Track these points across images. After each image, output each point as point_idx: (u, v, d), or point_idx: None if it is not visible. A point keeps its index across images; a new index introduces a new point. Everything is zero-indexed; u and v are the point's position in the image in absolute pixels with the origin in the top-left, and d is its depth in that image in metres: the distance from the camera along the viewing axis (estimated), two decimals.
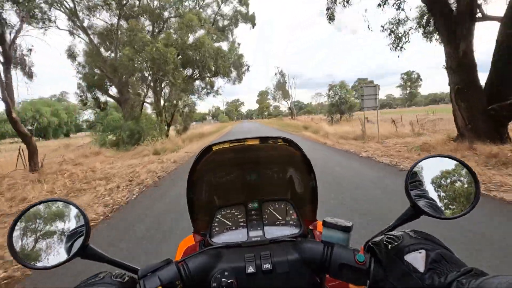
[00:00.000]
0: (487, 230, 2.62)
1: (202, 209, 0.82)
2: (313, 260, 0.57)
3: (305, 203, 0.82)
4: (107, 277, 0.51)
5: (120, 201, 4.74)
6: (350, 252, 0.55)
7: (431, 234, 0.51)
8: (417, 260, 0.45)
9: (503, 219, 2.89)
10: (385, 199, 3.78)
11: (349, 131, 12.69)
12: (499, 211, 3.09)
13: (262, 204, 0.78)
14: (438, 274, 0.42)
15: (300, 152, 0.76)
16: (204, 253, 0.60)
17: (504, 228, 2.66)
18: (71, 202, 0.55)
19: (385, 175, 5.17)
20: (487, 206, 3.22)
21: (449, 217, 0.53)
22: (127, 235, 3.26)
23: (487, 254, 2.24)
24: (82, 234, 0.52)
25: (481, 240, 2.44)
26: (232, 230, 0.73)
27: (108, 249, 2.86)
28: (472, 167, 0.55)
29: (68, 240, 0.53)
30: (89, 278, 0.50)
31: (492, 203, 3.33)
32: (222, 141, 0.76)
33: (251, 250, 0.61)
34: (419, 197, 0.54)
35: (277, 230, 0.72)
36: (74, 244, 0.52)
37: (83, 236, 0.52)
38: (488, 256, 2.20)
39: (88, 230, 0.52)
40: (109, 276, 0.51)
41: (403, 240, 0.49)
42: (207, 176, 0.82)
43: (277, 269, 0.56)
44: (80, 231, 0.53)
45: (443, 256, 0.45)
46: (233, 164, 0.83)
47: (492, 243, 2.39)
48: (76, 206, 0.55)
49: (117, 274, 0.53)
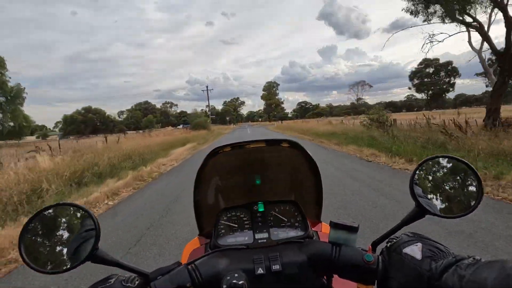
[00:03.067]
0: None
1: (208, 211, 0.83)
2: (322, 260, 0.57)
3: (310, 205, 0.83)
4: (117, 281, 0.51)
5: None
6: (359, 252, 0.55)
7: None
8: (414, 251, 0.48)
9: None
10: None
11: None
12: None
13: (267, 206, 0.79)
14: (435, 260, 0.45)
15: (305, 154, 0.76)
16: (213, 256, 0.60)
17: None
18: (81, 206, 0.55)
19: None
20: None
21: (453, 216, 0.53)
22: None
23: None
24: (93, 237, 0.52)
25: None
26: (238, 232, 0.74)
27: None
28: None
29: (79, 244, 0.52)
30: (98, 282, 0.51)
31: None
32: (228, 144, 0.77)
33: (259, 252, 0.61)
34: (424, 197, 0.55)
35: (282, 232, 0.73)
36: (85, 248, 0.52)
37: (93, 240, 0.52)
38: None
39: (98, 234, 0.52)
40: (119, 281, 0.52)
41: (401, 239, 0.52)
42: (213, 178, 0.83)
43: (286, 270, 0.56)
44: (90, 235, 0.53)
45: (438, 248, 0.48)
46: (239, 167, 0.84)
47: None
48: (86, 210, 0.55)
49: (127, 278, 0.53)
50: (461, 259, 0.42)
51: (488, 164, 5.17)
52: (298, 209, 0.77)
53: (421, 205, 0.53)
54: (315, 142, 14.08)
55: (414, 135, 8.69)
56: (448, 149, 6.78)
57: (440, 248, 0.47)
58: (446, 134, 7.46)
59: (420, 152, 6.86)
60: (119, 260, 0.53)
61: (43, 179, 5.26)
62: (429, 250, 0.47)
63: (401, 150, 7.51)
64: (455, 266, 0.40)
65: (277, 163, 0.84)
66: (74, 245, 0.52)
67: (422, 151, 7.02)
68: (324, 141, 13.45)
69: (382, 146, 8.61)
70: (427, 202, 0.54)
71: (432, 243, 0.49)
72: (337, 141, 12.10)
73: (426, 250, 0.47)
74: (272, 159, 0.84)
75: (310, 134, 18.59)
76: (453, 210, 0.54)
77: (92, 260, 0.51)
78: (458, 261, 0.41)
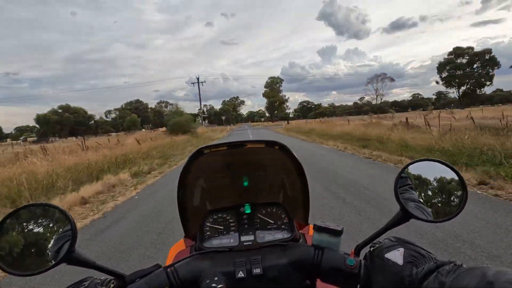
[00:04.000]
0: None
1: (194, 213, 0.82)
2: (304, 264, 0.56)
3: (297, 207, 0.82)
4: (92, 284, 0.50)
5: None
6: (341, 256, 0.55)
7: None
8: (396, 256, 0.48)
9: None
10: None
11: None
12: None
13: (254, 208, 0.78)
14: (416, 265, 0.45)
15: (291, 156, 0.76)
16: (194, 258, 0.59)
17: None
18: (56, 206, 0.54)
19: None
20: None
21: (437, 220, 0.53)
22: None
23: None
24: (69, 239, 0.51)
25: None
26: (223, 235, 0.73)
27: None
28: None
29: (54, 245, 0.51)
30: (73, 284, 0.50)
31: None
32: (214, 144, 0.76)
33: (241, 254, 0.61)
34: (409, 201, 0.54)
35: (269, 234, 0.72)
36: (61, 249, 0.50)
37: (69, 241, 0.50)
38: None
39: (74, 235, 0.51)
40: (94, 283, 0.51)
41: (384, 243, 0.52)
42: (198, 179, 0.82)
43: (267, 274, 0.56)
44: (67, 236, 0.51)
45: (420, 253, 0.48)
46: (225, 168, 0.83)
47: None
48: (61, 210, 0.53)
49: (103, 280, 0.52)
50: (442, 264, 0.41)
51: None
52: (285, 211, 0.76)
53: (406, 209, 0.52)
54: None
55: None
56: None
57: (422, 253, 0.47)
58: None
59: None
60: (96, 262, 0.52)
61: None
62: (411, 255, 0.47)
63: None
64: (436, 273, 0.40)
65: (264, 164, 0.84)
66: (50, 246, 0.51)
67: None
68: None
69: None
70: (411, 206, 0.54)
71: (414, 247, 0.49)
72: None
73: (408, 255, 0.47)
74: (259, 160, 0.83)
75: (351, 140, 11.70)
76: (438, 215, 0.54)
77: (68, 261, 0.50)
78: (439, 266, 0.41)
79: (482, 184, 4.41)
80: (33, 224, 0.52)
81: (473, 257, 2.34)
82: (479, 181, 4.49)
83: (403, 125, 12.26)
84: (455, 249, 2.49)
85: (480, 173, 4.83)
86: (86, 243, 3.29)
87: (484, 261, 2.27)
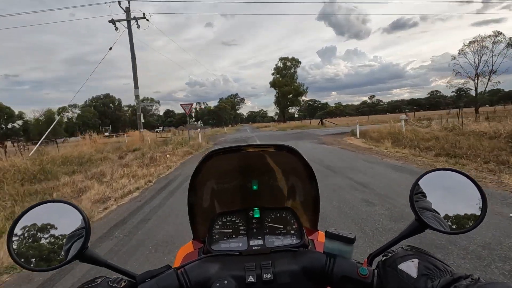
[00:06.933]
0: None
1: (203, 215, 0.82)
2: (315, 271, 0.55)
3: (307, 212, 0.81)
4: (104, 282, 0.51)
5: None
6: (353, 264, 0.53)
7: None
8: (410, 267, 0.46)
9: None
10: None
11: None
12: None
13: (263, 212, 0.77)
14: (431, 279, 0.43)
15: (302, 160, 0.75)
16: (204, 261, 0.59)
17: None
18: (72, 204, 0.55)
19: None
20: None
21: (454, 232, 0.51)
22: None
23: None
24: (82, 236, 0.52)
25: None
26: (232, 238, 0.72)
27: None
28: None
29: (68, 242, 0.52)
30: (85, 283, 0.50)
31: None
32: (225, 147, 0.76)
33: (251, 259, 0.60)
34: (424, 210, 0.53)
35: (278, 239, 0.71)
36: (74, 246, 0.51)
37: (83, 238, 0.51)
38: None
39: (88, 233, 0.52)
40: (106, 282, 0.51)
41: (398, 253, 0.51)
42: (208, 182, 0.82)
43: (277, 280, 0.55)
44: (80, 234, 0.52)
45: (436, 265, 0.45)
46: (235, 171, 0.83)
47: None
48: (76, 207, 0.54)
49: (114, 279, 0.53)
50: (458, 278, 0.40)
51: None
52: (294, 216, 0.75)
53: (421, 219, 0.51)
54: None
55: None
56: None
57: (437, 266, 0.45)
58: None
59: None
60: (107, 260, 0.53)
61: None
62: (425, 267, 0.45)
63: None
64: (453, 287, 0.38)
65: (274, 168, 0.83)
66: (64, 243, 0.52)
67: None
68: None
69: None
70: (427, 215, 0.52)
71: (429, 259, 0.47)
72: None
73: (423, 267, 0.45)
74: (269, 164, 0.82)
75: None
76: (455, 226, 0.52)
77: (81, 259, 0.51)
78: (456, 280, 0.40)
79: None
80: (48, 221, 0.53)
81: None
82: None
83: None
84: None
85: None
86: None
87: None
